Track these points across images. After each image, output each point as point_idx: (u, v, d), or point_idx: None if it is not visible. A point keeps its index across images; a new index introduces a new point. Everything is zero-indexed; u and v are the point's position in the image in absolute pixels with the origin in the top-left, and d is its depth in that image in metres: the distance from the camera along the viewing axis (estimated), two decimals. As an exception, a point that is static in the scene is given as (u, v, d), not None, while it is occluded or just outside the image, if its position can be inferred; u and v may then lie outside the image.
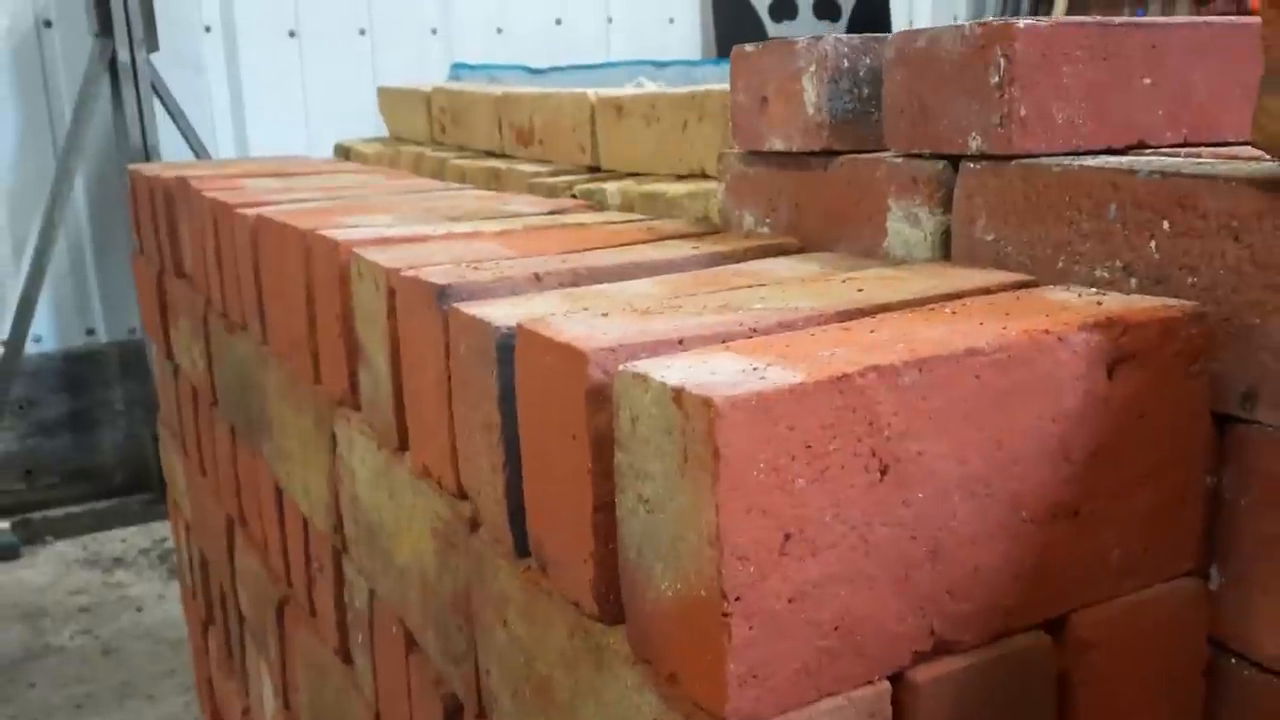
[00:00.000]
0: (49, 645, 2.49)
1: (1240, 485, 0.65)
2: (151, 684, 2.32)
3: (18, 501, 3.29)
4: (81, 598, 2.74)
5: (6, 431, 3.34)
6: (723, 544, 0.48)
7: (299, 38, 3.49)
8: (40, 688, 2.31)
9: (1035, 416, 0.56)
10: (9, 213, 3.26)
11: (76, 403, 3.44)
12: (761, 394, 0.48)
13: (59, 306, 3.38)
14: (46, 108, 3.23)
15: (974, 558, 0.55)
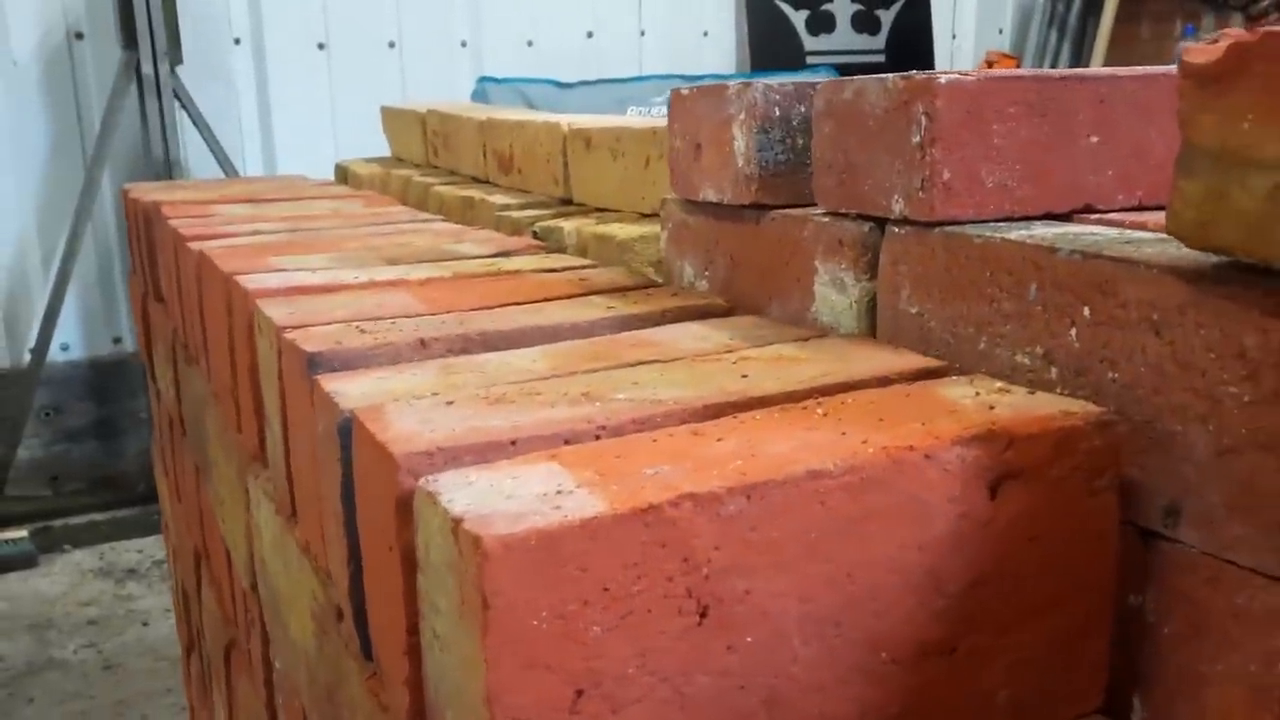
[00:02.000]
0: (52, 659, 2.49)
1: (1163, 610, 0.57)
2: (147, 702, 2.31)
3: (42, 508, 3.31)
4: (91, 609, 2.75)
5: (33, 439, 3.37)
6: (495, 705, 0.42)
7: (328, 50, 3.48)
8: (39, 703, 2.30)
9: (897, 545, 0.49)
10: (39, 223, 3.29)
11: (102, 410, 3.46)
12: (544, 531, 0.42)
13: (87, 316, 3.40)
14: (77, 119, 3.25)
15: (821, 707, 0.48)
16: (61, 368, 3.38)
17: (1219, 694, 0.55)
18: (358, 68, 3.49)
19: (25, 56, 3.20)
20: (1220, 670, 0.54)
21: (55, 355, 3.31)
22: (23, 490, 3.33)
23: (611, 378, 0.63)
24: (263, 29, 3.40)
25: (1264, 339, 0.51)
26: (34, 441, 3.38)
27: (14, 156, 3.23)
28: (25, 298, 3.32)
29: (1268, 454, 0.51)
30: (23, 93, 3.20)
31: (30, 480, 3.38)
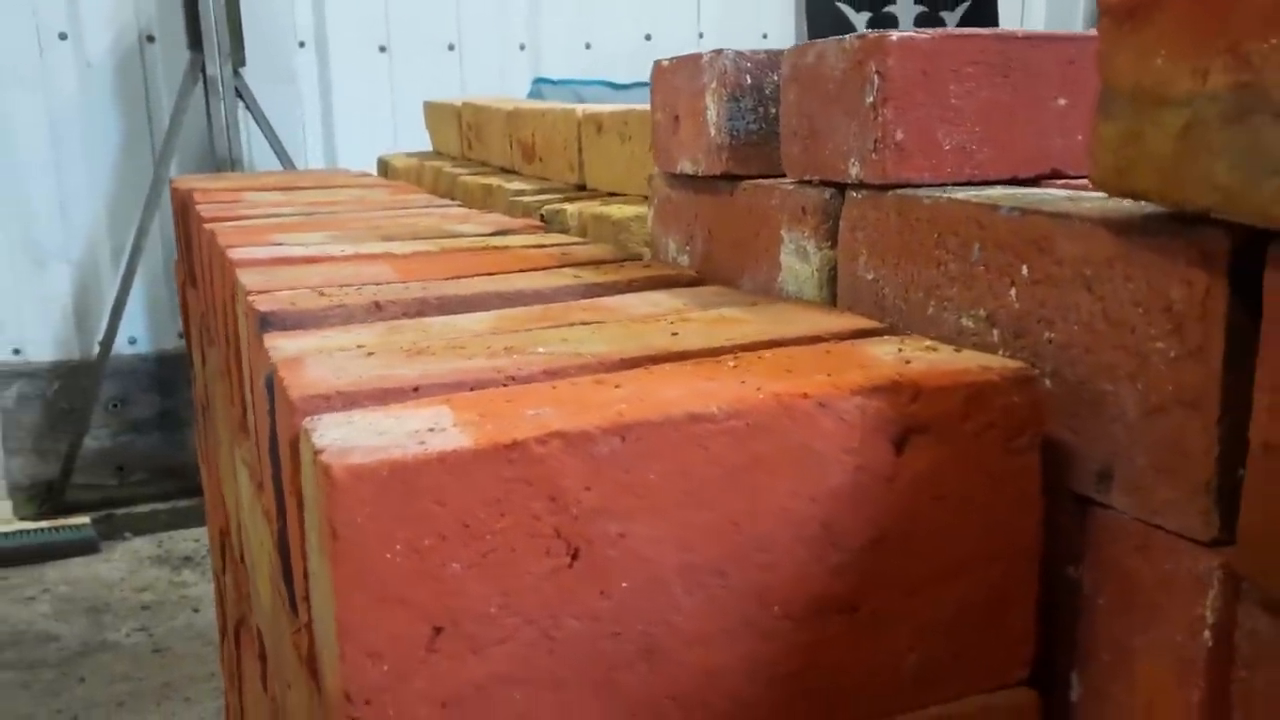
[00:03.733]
0: (105, 641, 2.55)
1: (1097, 582, 0.55)
2: (191, 686, 2.35)
3: (108, 497, 3.40)
4: (146, 595, 2.81)
5: (101, 429, 3.46)
6: (346, 638, 0.41)
7: (389, 52, 3.53)
8: (89, 683, 2.36)
9: (788, 496, 0.47)
10: (110, 219, 3.38)
11: (167, 403, 3.55)
12: (398, 463, 0.41)
13: (153, 310, 3.49)
14: (147, 118, 3.34)
15: (706, 660, 0.47)
16: (129, 360, 3.47)
17: (1148, 667, 0.52)
18: (418, 69, 3.54)
19: (99, 59, 3.30)
20: (1149, 642, 0.52)
21: (123, 348, 3.40)
22: (89, 479, 3.42)
23: (543, 336, 0.62)
24: (326, 32, 3.46)
25: (1188, 291, 0.48)
26: (102, 432, 3.48)
27: (87, 155, 3.34)
28: (95, 292, 3.41)
29: (1193, 411, 0.49)
30: (96, 93, 3.30)
31: (97, 469, 3.47)
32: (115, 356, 3.33)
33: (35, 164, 3.29)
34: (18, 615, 2.70)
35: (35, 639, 2.56)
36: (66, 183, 3.33)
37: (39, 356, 3.40)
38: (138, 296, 3.33)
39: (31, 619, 2.68)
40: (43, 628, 2.63)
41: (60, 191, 3.33)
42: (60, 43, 3.25)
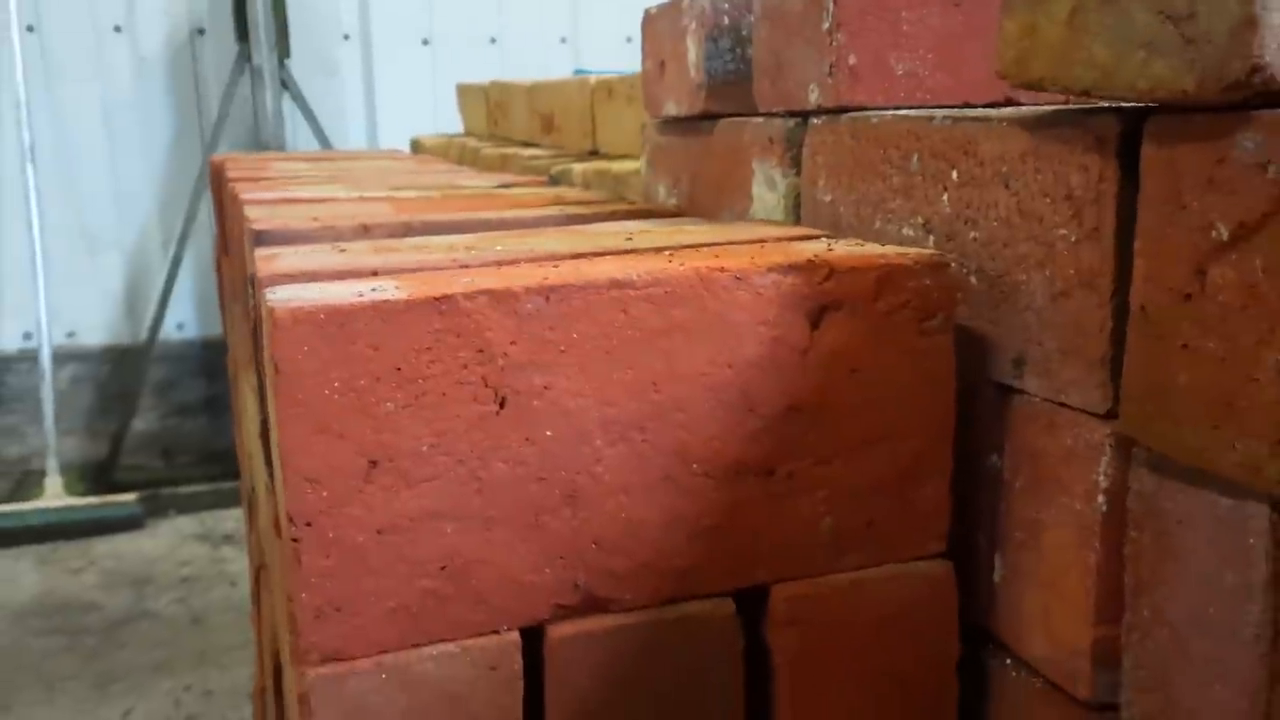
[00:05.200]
0: (147, 610, 2.64)
1: (1014, 466, 0.58)
2: (226, 654, 2.42)
3: (154, 477, 3.49)
4: (186, 569, 2.90)
5: (149, 412, 3.57)
6: (288, 465, 0.46)
7: (432, 46, 3.61)
8: (128, 649, 2.44)
9: (706, 361, 0.51)
10: (160, 207, 3.49)
11: (213, 388, 3.64)
12: (335, 308, 0.46)
13: (201, 296, 3.59)
14: (197, 109, 3.45)
15: (628, 509, 0.51)
16: (177, 346, 3.57)
17: (1053, 537, 0.55)
18: (460, 62, 3.61)
19: (152, 51, 3.41)
20: (1054, 514, 0.55)
21: (171, 334, 3.50)
22: (137, 460, 3.53)
23: (507, 241, 0.67)
24: (370, 25, 3.55)
25: (1085, 176, 0.52)
26: (150, 415, 3.58)
27: (141, 146, 3.45)
28: (146, 278, 3.52)
29: (1090, 292, 0.52)
30: (149, 85, 3.41)
31: (144, 451, 3.57)
32: (163, 342, 3.43)
33: (91, 154, 3.41)
34: (65, 585, 2.79)
35: (80, 607, 2.65)
36: (120, 172, 3.44)
37: (91, 340, 3.51)
38: (186, 284, 3.44)
39: (78, 589, 2.77)
40: (88, 597, 2.72)
41: (114, 181, 3.45)
42: (115, 36, 3.36)
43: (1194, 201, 0.45)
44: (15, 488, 3.27)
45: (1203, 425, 0.45)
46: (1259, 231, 0.42)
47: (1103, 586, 0.52)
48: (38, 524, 2.95)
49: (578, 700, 0.51)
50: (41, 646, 2.40)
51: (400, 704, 0.48)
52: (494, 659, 0.50)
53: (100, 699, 2.17)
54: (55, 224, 3.31)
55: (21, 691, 2.20)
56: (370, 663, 0.48)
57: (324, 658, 0.47)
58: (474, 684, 0.49)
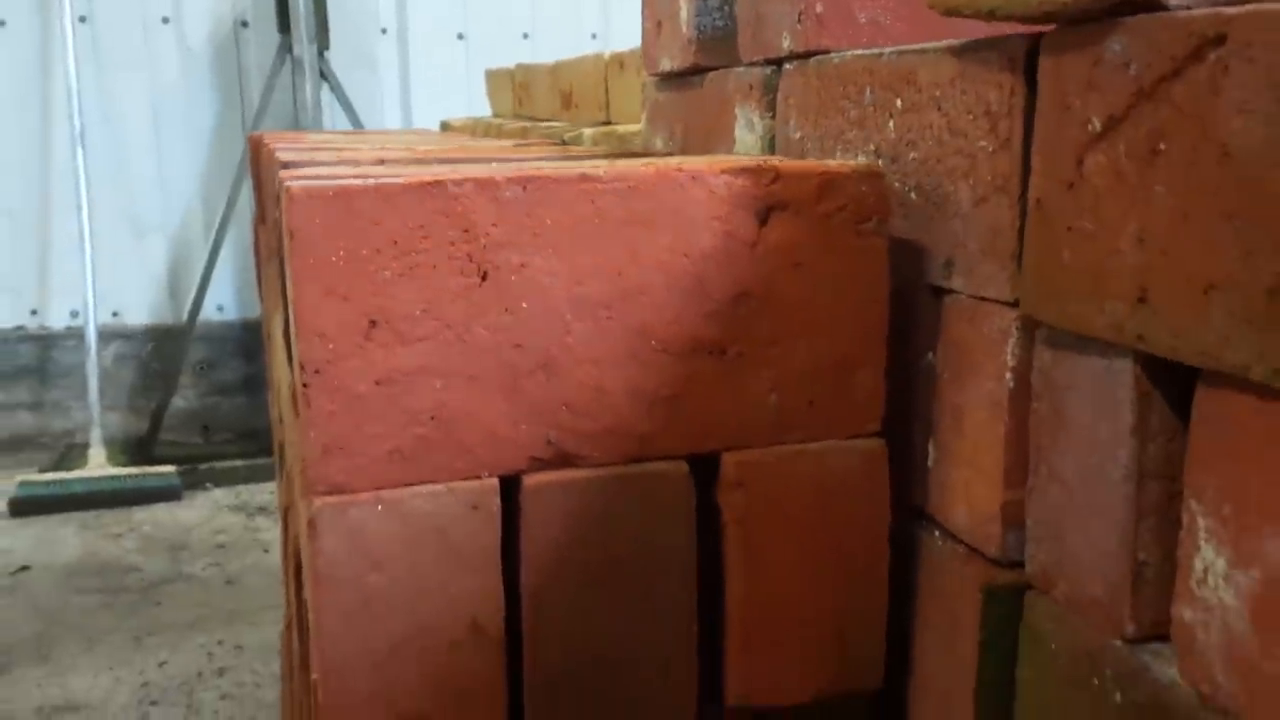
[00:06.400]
0: (182, 573, 2.74)
1: (945, 359, 0.65)
2: (258, 613, 2.52)
3: (193, 453, 3.61)
4: (221, 537, 3.00)
5: (189, 390, 3.69)
6: (300, 319, 0.54)
7: (466, 40, 3.71)
8: (165, 607, 2.55)
9: (664, 249, 0.59)
10: (204, 193, 3.61)
11: (250, 368, 3.76)
12: (341, 188, 0.54)
13: (241, 279, 3.70)
14: (239, 98, 3.57)
15: (595, 377, 0.59)
16: (217, 327, 3.69)
17: (972, 417, 0.62)
18: (493, 57, 3.70)
19: (198, 43, 3.54)
20: (974, 396, 0.62)
21: (211, 315, 3.62)
22: (177, 436, 3.65)
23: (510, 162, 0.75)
24: (407, 20, 3.66)
25: (1000, 93, 0.59)
26: (190, 393, 3.70)
27: (186, 133, 3.57)
28: (188, 262, 3.64)
29: (1003, 195, 0.59)
30: (195, 75, 3.54)
31: (184, 428, 3.69)
32: (204, 323, 3.55)
33: (138, 142, 3.53)
34: (106, 549, 2.91)
35: (119, 569, 2.76)
36: (166, 159, 3.57)
37: (135, 320, 3.63)
38: (226, 268, 3.55)
39: (118, 553, 2.88)
40: (127, 561, 2.83)
41: (159, 167, 3.57)
42: (163, 27, 3.49)
43: (1076, 101, 0.52)
44: (60, 459, 3.40)
45: (1081, 294, 0.52)
46: (1123, 121, 0.49)
47: (1010, 455, 0.60)
48: (81, 492, 3.07)
49: (548, 540, 0.59)
50: (82, 604, 2.51)
51: (394, 532, 0.56)
52: (476, 500, 0.57)
53: (136, 650, 2.28)
54: (103, 208, 3.44)
55: (62, 643, 2.31)
56: (369, 496, 0.56)
57: (329, 489, 0.55)
58: (458, 520, 0.57)
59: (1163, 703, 0.49)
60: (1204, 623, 0.47)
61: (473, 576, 0.58)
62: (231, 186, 3.39)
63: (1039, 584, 0.58)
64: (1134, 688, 0.50)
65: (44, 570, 2.69)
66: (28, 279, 3.54)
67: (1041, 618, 0.57)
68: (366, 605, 0.56)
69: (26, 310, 3.54)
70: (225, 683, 2.16)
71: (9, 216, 3.48)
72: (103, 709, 2.04)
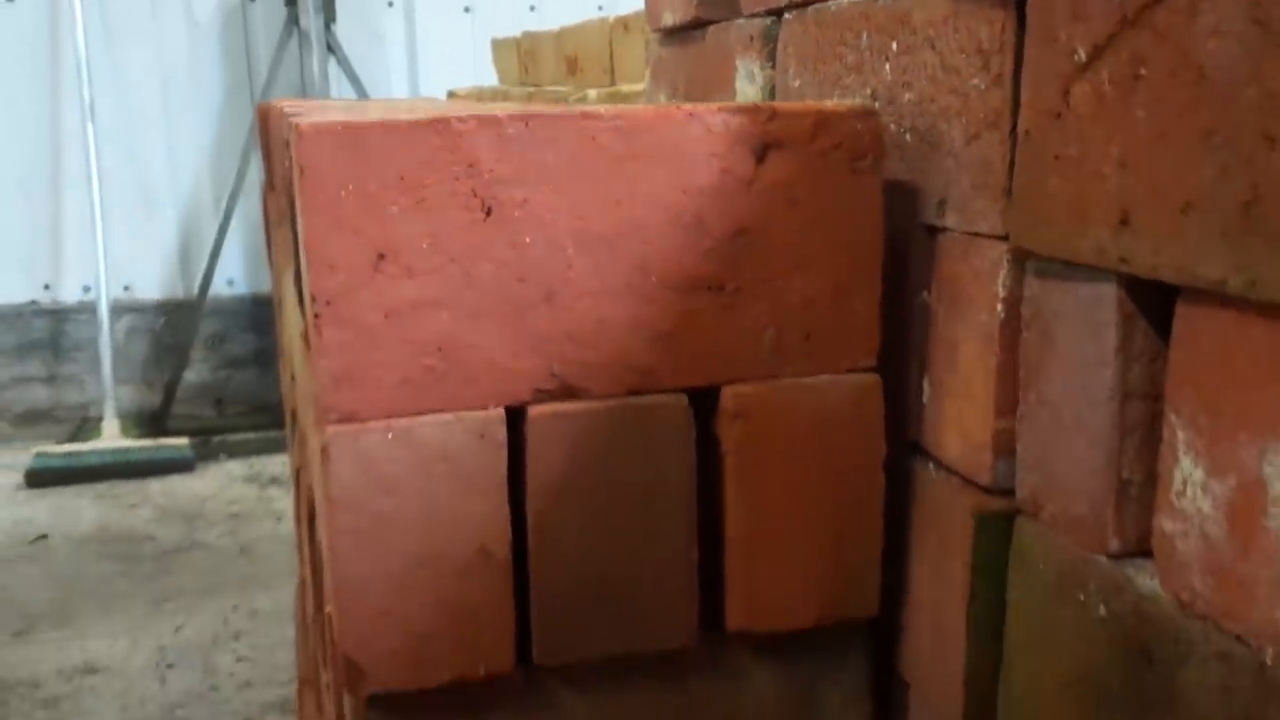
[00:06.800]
0: (197, 541, 2.78)
1: (939, 296, 0.67)
2: (272, 579, 2.56)
3: (206, 426, 3.64)
4: (235, 507, 3.04)
5: (201, 364, 3.72)
6: (311, 252, 0.56)
7: (473, 14, 3.71)
8: (179, 574, 2.59)
9: (663, 186, 0.61)
10: (213, 166, 3.63)
11: (261, 342, 3.79)
12: (350, 125, 0.56)
13: (251, 253, 3.73)
14: (247, 72, 3.58)
15: (596, 310, 0.61)
16: (228, 301, 3.71)
17: (965, 350, 0.64)
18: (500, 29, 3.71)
19: (205, 17, 3.55)
20: (966, 329, 0.64)
21: (222, 289, 3.64)
22: (190, 410, 3.68)
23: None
24: (414, -7, 3.66)
25: (991, 30, 0.60)
26: (203, 366, 3.73)
27: (194, 107, 3.59)
28: (198, 235, 3.67)
29: (995, 131, 0.61)
30: (203, 48, 3.55)
31: (196, 401, 3.73)
32: (214, 297, 3.58)
33: (147, 116, 3.55)
34: (121, 519, 2.94)
35: (135, 539, 2.80)
36: (175, 133, 3.59)
37: (146, 294, 3.66)
38: (236, 242, 3.58)
39: (133, 523, 2.92)
40: (143, 530, 2.86)
41: (169, 141, 3.59)
42: (170, 1, 3.50)
43: (1062, 33, 0.53)
44: (74, 433, 3.44)
45: (1067, 221, 0.53)
46: (1107, 49, 0.50)
47: (1001, 385, 0.61)
48: (96, 464, 3.11)
49: (553, 469, 0.61)
50: (100, 571, 2.55)
51: (404, 459, 0.58)
52: (482, 429, 0.59)
53: (154, 615, 2.31)
54: (113, 182, 3.46)
55: (81, 608, 2.34)
56: (380, 424, 0.58)
57: (341, 418, 0.57)
58: (466, 448, 0.59)
59: (1144, 613, 0.51)
60: (1183, 532, 0.49)
61: (480, 503, 0.60)
62: (240, 160, 3.41)
63: (1028, 508, 0.60)
64: (1117, 600, 0.52)
65: (62, 539, 2.73)
66: (40, 253, 3.57)
67: (1030, 540, 0.59)
68: (378, 529, 0.58)
69: (40, 285, 3.57)
70: (241, 646, 2.19)
71: (21, 191, 3.50)
72: (122, 671, 2.07)
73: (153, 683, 2.04)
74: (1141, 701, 0.50)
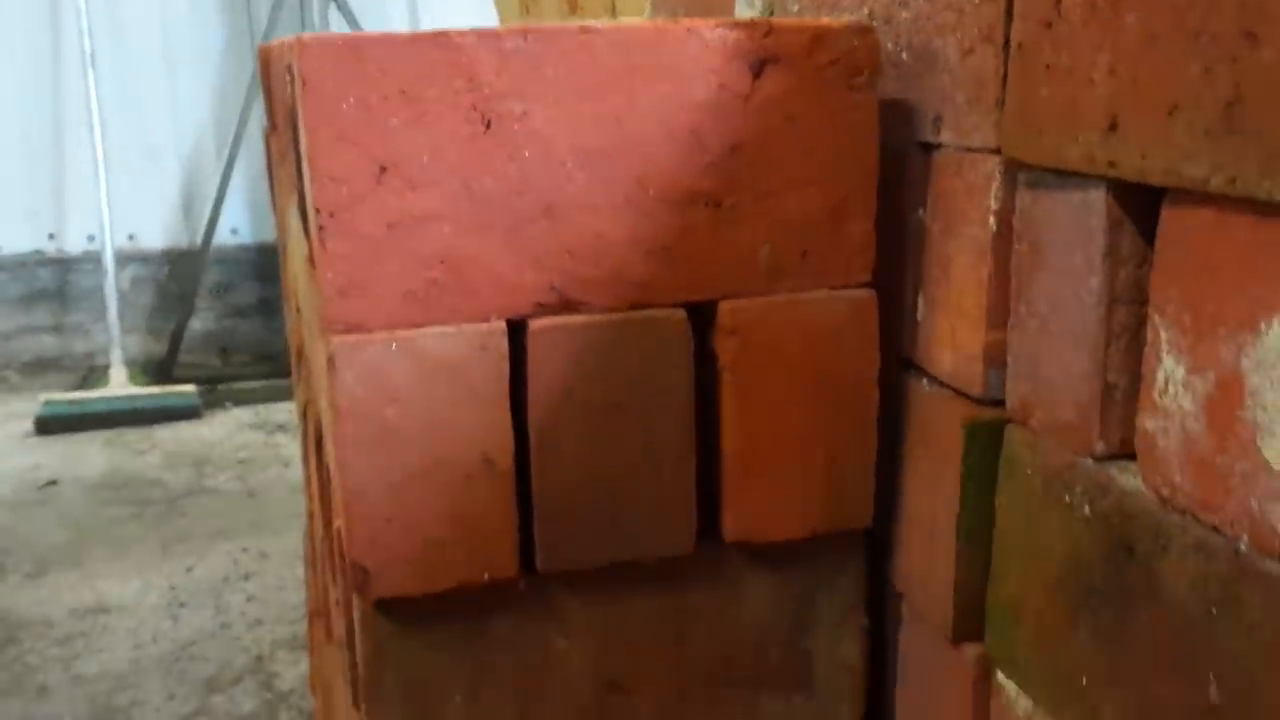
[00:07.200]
0: (205, 486, 2.81)
1: (934, 212, 0.68)
2: (280, 522, 2.59)
3: (212, 374, 3.67)
4: (242, 452, 3.07)
5: (206, 313, 3.74)
6: (314, 165, 0.57)
7: (476, -40, 3.69)
8: (189, 517, 2.62)
9: (660, 100, 0.61)
10: (215, 114, 3.63)
11: (266, 291, 3.80)
12: (351, 37, 0.56)
13: (254, 202, 3.73)
14: (248, 17, 3.57)
15: (595, 225, 0.62)
16: (232, 250, 3.72)
17: (959, 265, 0.65)
18: (502, -25, 3.69)
19: (206, -35, 3.53)
20: (959, 244, 0.65)
21: (226, 238, 3.65)
22: (195, 358, 3.70)
23: (509, 36, 0.77)
24: (416, -61, 3.63)
25: (985, -56, 0.61)
26: (207, 315, 3.75)
27: (195, 55, 3.58)
28: (201, 185, 3.67)
29: (988, 45, 0.61)
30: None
31: (202, 350, 3.75)
32: (218, 246, 3.59)
33: (148, 64, 3.54)
34: (131, 465, 2.97)
35: (145, 483, 2.83)
36: (177, 81, 3.58)
37: (150, 243, 3.67)
38: (239, 191, 3.58)
39: (142, 468, 2.95)
40: (152, 475, 2.89)
41: (171, 89, 3.58)
42: (171, -53, 3.48)
43: (1053, -58, 0.54)
44: (82, 382, 3.46)
45: (1057, 129, 0.54)
46: (1096, -43, 0.51)
47: (993, 297, 0.62)
48: (104, 411, 3.14)
49: (553, 381, 0.62)
50: (110, 515, 2.58)
51: (408, 370, 0.60)
52: (484, 341, 0.61)
53: (164, 557, 2.35)
54: (115, 131, 3.46)
55: (93, 551, 2.38)
56: (384, 335, 0.59)
57: (346, 328, 0.59)
58: (468, 359, 0.61)
59: (1126, 509, 0.52)
60: (1164, 430, 0.50)
61: (483, 413, 0.61)
62: (242, 108, 3.40)
63: (1017, 417, 0.61)
64: (1102, 499, 0.54)
65: (72, 484, 2.77)
66: (44, 203, 3.57)
67: (1019, 447, 0.61)
68: (384, 437, 0.59)
69: (44, 234, 3.57)
70: (251, 586, 2.23)
71: (22, 140, 3.50)
72: (134, 610, 2.11)
73: (165, 621, 2.08)
74: (1123, 593, 0.52)
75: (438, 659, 0.64)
